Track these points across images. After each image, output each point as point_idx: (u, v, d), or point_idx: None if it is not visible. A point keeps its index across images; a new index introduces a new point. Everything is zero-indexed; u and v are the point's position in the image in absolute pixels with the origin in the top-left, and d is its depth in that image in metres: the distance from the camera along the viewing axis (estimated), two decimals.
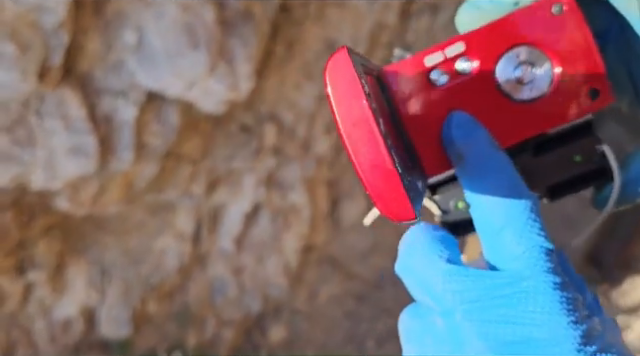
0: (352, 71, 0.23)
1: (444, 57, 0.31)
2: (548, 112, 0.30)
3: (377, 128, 0.23)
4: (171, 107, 1.48)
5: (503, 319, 0.24)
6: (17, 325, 1.73)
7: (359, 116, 0.23)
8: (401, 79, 0.32)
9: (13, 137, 1.35)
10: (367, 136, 0.23)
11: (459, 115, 0.30)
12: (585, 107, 0.30)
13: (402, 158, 0.27)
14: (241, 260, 1.99)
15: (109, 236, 1.76)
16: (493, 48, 0.30)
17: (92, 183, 1.48)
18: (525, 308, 0.24)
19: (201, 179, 1.74)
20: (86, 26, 1.32)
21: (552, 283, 0.25)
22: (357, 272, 2.33)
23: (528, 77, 0.30)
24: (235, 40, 1.43)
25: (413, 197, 0.24)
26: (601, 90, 0.30)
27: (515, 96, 0.31)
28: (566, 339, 0.24)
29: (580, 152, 0.32)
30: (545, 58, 0.30)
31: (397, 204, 0.24)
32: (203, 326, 1.98)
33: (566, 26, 0.30)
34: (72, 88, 1.36)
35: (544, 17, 0.30)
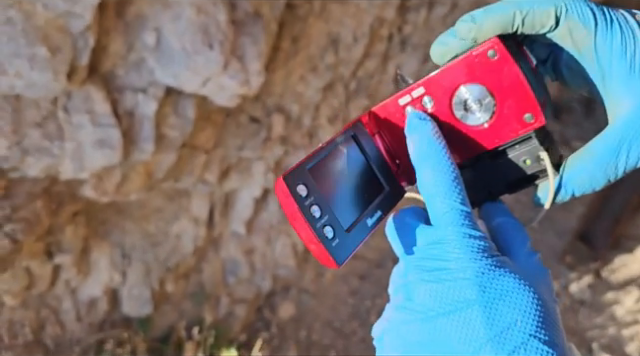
0: (288, 195, 0.35)
1: (411, 98, 0.41)
2: (495, 133, 0.39)
3: (306, 222, 0.35)
4: (187, 101, 1.57)
5: (429, 256, 0.36)
6: (46, 305, 1.83)
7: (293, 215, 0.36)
8: (386, 118, 0.42)
9: (44, 131, 1.44)
10: (301, 228, 0.36)
11: (414, 112, 0.40)
12: (523, 128, 0.38)
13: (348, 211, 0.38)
14: (252, 242, 2.08)
15: (130, 221, 1.86)
16: (447, 88, 0.39)
17: (115, 173, 1.57)
18: (443, 249, 0.35)
19: (214, 167, 1.83)
20: (109, 28, 1.41)
21: (461, 232, 0.35)
22: (360, 253, 2.41)
23: (476, 108, 0.39)
24: (246, 39, 1.51)
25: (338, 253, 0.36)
26: (534, 115, 0.38)
27: (468, 122, 0.39)
28: (470, 268, 0.34)
29: (528, 156, 0.40)
30: (487, 93, 0.38)
31: (326, 261, 0.36)
32: (217, 304, 2.07)
33: (500, 67, 0.37)
34: (97, 85, 1.44)
35: (483, 61, 0.37)
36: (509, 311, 0.33)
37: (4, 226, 1.50)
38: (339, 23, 1.86)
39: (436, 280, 0.35)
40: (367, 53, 2.00)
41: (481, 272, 0.34)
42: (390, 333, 0.36)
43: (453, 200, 0.36)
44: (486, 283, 0.34)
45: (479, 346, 0.32)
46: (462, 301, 0.34)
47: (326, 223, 0.36)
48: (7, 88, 1.31)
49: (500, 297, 0.33)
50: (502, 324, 0.33)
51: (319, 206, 0.37)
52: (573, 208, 2.88)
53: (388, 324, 0.37)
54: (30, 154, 1.43)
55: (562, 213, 2.89)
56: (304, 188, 0.36)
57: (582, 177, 0.39)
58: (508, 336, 0.32)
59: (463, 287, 0.34)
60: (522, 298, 0.34)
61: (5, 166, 1.41)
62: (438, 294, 0.34)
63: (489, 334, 0.32)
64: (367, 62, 2.04)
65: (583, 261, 2.78)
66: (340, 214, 0.38)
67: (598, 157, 0.38)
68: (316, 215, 0.36)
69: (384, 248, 2.46)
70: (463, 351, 0.33)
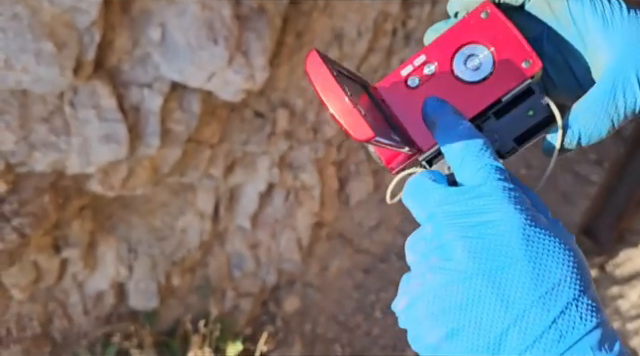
0: (320, 61, 0.35)
1: (413, 67, 0.43)
2: (496, 85, 0.41)
3: (339, 87, 0.33)
4: (192, 96, 1.58)
5: (467, 212, 0.34)
6: (54, 298, 1.85)
7: (327, 82, 0.34)
8: (389, 89, 0.44)
9: (50, 126, 1.46)
10: (335, 97, 0.34)
11: (430, 97, 0.41)
12: (522, 74, 0.40)
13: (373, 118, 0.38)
14: (257, 236, 2.09)
15: (136, 216, 1.87)
16: (446, 51, 0.42)
17: (122, 167, 1.59)
18: (482, 202, 0.34)
19: (219, 162, 1.84)
20: (114, 23, 1.42)
21: (501, 186, 0.34)
22: (365, 247, 2.43)
23: (476, 65, 0.41)
24: (250, 34, 1.52)
25: (374, 125, 0.34)
26: (530, 59, 0.40)
27: (470, 79, 0.42)
28: (513, 219, 0.33)
29: (531, 108, 0.42)
30: (485, 49, 0.41)
31: (361, 130, 0.33)
32: (223, 298, 2.09)
33: (494, 24, 0.41)
34: (102, 81, 1.46)
35: (477, 22, 0.41)
36: (557, 267, 0.32)
37: (12, 220, 1.52)
38: (343, 18, 1.87)
39: (478, 235, 0.33)
40: (371, 48, 2.01)
41: (527, 224, 0.33)
42: (424, 298, 0.34)
43: (487, 157, 0.36)
44: (532, 236, 0.33)
45: (529, 304, 0.31)
46: (508, 256, 0.32)
47: (357, 103, 0.35)
48: (14, 83, 1.32)
49: (546, 252, 0.32)
50: (551, 281, 0.32)
51: (349, 87, 0.36)
52: (577, 202, 2.88)
53: (421, 288, 0.35)
54: (37, 149, 1.44)
55: (566, 207, 2.89)
56: (334, 70, 0.36)
57: (586, 117, 0.39)
58: (559, 293, 0.32)
59: (508, 241, 0.33)
60: (567, 256, 0.33)
61: (12, 161, 1.43)
62: (481, 250, 0.33)
63: (539, 291, 0.32)
64: (371, 57, 2.04)
65: (587, 255, 2.74)
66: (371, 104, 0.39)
67: (598, 98, 0.39)
68: (347, 91, 0.34)
69: (388, 242, 2.47)
70: (509, 312, 0.31)
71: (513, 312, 0.31)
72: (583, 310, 0.31)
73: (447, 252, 0.34)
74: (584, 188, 2.88)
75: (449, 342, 0.33)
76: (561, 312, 0.31)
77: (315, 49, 0.35)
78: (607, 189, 2.67)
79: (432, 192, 0.36)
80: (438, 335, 0.33)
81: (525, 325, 0.31)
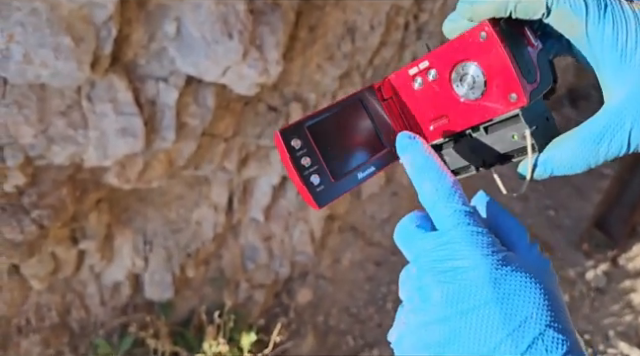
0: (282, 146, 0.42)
1: (418, 69, 0.45)
2: (486, 108, 0.42)
3: (294, 169, 0.41)
4: (207, 90, 1.59)
5: (440, 258, 0.37)
6: (71, 289, 1.89)
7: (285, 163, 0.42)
8: (398, 86, 0.47)
9: (68, 120, 1.48)
10: (291, 174, 0.42)
11: (402, 133, 0.43)
12: (508, 106, 0.41)
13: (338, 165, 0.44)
14: (270, 229, 2.11)
15: (151, 208, 1.90)
16: (447, 63, 0.43)
17: (138, 160, 1.61)
18: (452, 248, 0.37)
19: (233, 155, 1.86)
20: (131, 18, 1.43)
21: (469, 231, 0.37)
22: (376, 239, 2.44)
23: (470, 83, 0.42)
24: (264, 28, 1.53)
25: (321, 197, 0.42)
26: (517, 95, 0.40)
27: (464, 96, 0.43)
28: (481, 265, 0.35)
29: (516, 132, 0.43)
30: (480, 71, 0.41)
31: (308, 202, 0.42)
32: (237, 289, 2.12)
33: (490, 48, 0.40)
34: (119, 75, 1.47)
35: (475, 41, 0.41)
36: (524, 305, 0.34)
37: (31, 212, 1.55)
38: (356, 12, 1.87)
39: (450, 280, 0.36)
40: (383, 41, 2.01)
41: (494, 268, 0.35)
42: (409, 336, 0.38)
43: (455, 202, 0.38)
44: (499, 279, 0.35)
45: (499, 341, 0.34)
46: (478, 299, 0.35)
47: (314, 172, 0.42)
48: (33, 77, 1.34)
49: (514, 292, 0.35)
50: (518, 318, 0.34)
51: (310, 158, 0.42)
52: (590, 196, 2.87)
53: (406, 327, 0.38)
54: (55, 142, 1.47)
55: (578, 201, 2.88)
56: (299, 141, 0.42)
57: (561, 158, 0.40)
58: (525, 329, 0.34)
59: (477, 285, 0.35)
60: (533, 292, 0.35)
61: (32, 154, 1.45)
62: (454, 294, 0.36)
63: (507, 329, 0.34)
64: (383, 50, 2.04)
65: (600, 249, 2.77)
66: (331, 166, 0.43)
67: (580, 142, 0.39)
68: (305, 165, 0.42)
69: None
70: (483, 347, 0.34)
71: (485, 348, 0.34)
72: (549, 343, 0.33)
73: (426, 294, 0.37)
74: (597, 182, 2.86)
75: None
76: (528, 347, 0.33)
77: (279, 131, 0.42)
78: (620, 183, 2.66)
79: (414, 238, 0.40)
80: None
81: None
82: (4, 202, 1.48)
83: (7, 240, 1.52)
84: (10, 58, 1.28)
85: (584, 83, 3.55)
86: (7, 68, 1.29)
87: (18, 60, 1.29)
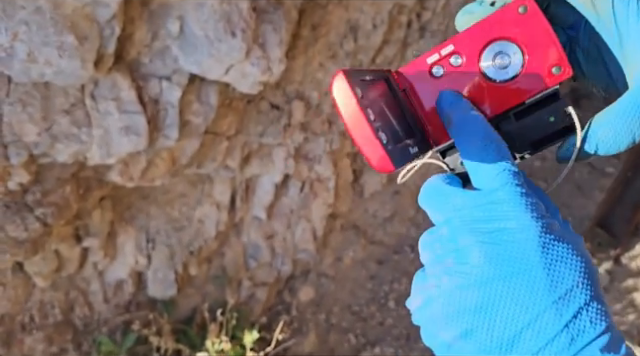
0: (346, 85, 0.33)
1: (440, 56, 0.41)
2: (522, 87, 0.39)
3: (365, 119, 0.33)
4: (210, 88, 1.60)
5: (484, 218, 0.34)
6: (75, 287, 1.89)
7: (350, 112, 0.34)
8: (413, 76, 0.42)
9: (72, 118, 1.48)
10: (358, 126, 0.33)
11: (446, 91, 0.40)
12: (551, 80, 0.39)
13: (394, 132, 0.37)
14: (272, 227, 2.11)
15: (154, 206, 1.90)
16: (476, 44, 0.40)
17: (141, 158, 1.61)
18: (499, 208, 0.34)
19: (236, 153, 1.86)
20: (134, 17, 1.44)
21: (518, 192, 0.34)
22: (378, 238, 2.44)
23: (505, 63, 0.39)
24: (267, 26, 1.53)
25: (394, 156, 0.34)
26: (562, 66, 0.39)
27: (496, 78, 0.40)
28: (530, 228, 0.33)
29: (553, 114, 0.40)
30: (516, 47, 0.39)
31: (381, 163, 0.33)
32: (239, 287, 2.12)
33: (530, 21, 0.38)
34: (122, 73, 1.48)
35: (513, 17, 0.39)
36: (570, 274, 0.33)
37: (35, 210, 1.55)
38: (358, 10, 1.87)
39: (494, 241, 0.34)
40: (386, 40, 2.01)
41: (543, 232, 0.34)
42: (440, 299, 0.35)
43: (505, 161, 0.36)
44: (547, 244, 0.33)
45: (542, 309, 0.32)
46: (523, 262, 0.33)
47: (380, 128, 0.34)
48: (37, 76, 1.35)
49: (561, 259, 0.33)
50: (565, 286, 0.32)
51: (373, 111, 0.35)
52: (592, 194, 2.87)
53: (437, 290, 0.36)
54: (59, 140, 1.47)
55: (581, 199, 2.88)
56: (359, 91, 0.35)
57: (606, 132, 0.38)
58: (571, 298, 0.32)
59: (524, 248, 0.33)
60: (580, 261, 0.33)
61: (35, 152, 1.46)
62: (497, 256, 0.33)
63: (553, 296, 0.32)
64: (386, 49, 2.05)
65: (602, 248, 2.76)
66: (391, 128, 0.37)
67: (621, 113, 0.37)
68: (371, 117, 0.34)
69: (402, 234, 2.48)
70: (524, 315, 0.32)
71: (527, 316, 0.32)
72: (593, 314, 0.32)
73: (464, 256, 0.35)
74: (599, 180, 2.86)
75: (462, 341, 0.34)
76: (573, 317, 0.32)
77: (342, 71, 0.34)
78: (623, 181, 2.66)
79: (449, 196, 0.37)
80: (452, 334, 0.35)
81: (538, 328, 0.32)
82: (8, 200, 1.49)
83: (11, 238, 1.52)
84: (14, 56, 1.29)
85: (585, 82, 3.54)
86: (11, 66, 1.29)
87: (22, 58, 1.29)
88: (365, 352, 2.20)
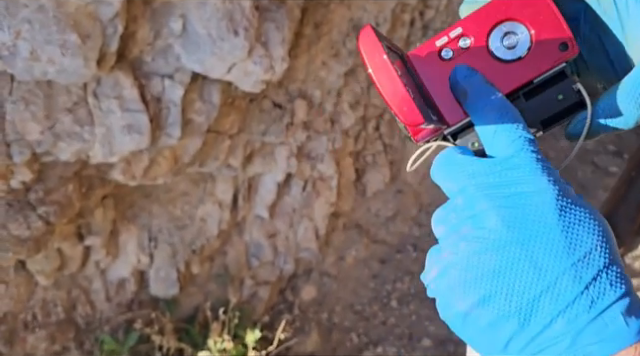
0: (374, 37, 0.34)
1: (448, 39, 0.42)
2: (531, 66, 0.40)
3: (392, 68, 0.33)
4: (213, 87, 1.60)
5: (500, 183, 0.34)
6: (77, 285, 1.90)
7: (380, 62, 0.34)
8: (422, 59, 0.43)
9: (75, 117, 1.49)
10: (386, 74, 0.34)
11: (460, 65, 0.41)
12: (558, 58, 0.40)
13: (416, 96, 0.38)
14: (275, 226, 2.11)
15: (156, 205, 1.90)
16: (483, 26, 0.41)
17: (143, 157, 1.61)
18: (516, 173, 0.34)
19: (238, 152, 1.86)
20: (137, 15, 1.44)
21: (534, 157, 0.35)
22: (381, 237, 2.44)
23: (512, 43, 0.41)
24: (270, 25, 1.53)
25: (423, 110, 0.35)
26: (569, 43, 0.40)
27: (505, 58, 0.41)
28: (547, 191, 0.33)
29: (561, 92, 0.41)
30: (523, 27, 0.40)
31: (409, 112, 0.34)
32: (241, 286, 2.12)
33: (536, 1, 0.40)
34: (125, 72, 1.48)
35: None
36: (588, 237, 0.33)
37: (38, 209, 1.56)
38: (361, 8, 1.87)
39: (513, 205, 0.34)
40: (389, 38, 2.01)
41: (560, 195, 0.34)
42: (458, 266, 0.35)
43: (521, 129, 0.36)
44: (565, 207, 0.33)
45: (561, 271, 0.32)
46: (542, 225, 0.33)
47: (407, 85, 0.35)
48: (40, 74, 1.35)
49: (578, 222, 0.33)
50: (584, 249, 0.32)
51: (398, 71, 0.35)
52: (595, 194, 2.86)
53: (454, 257, 0.35)
54: (62, 139, 1.47)
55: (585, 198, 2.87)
56: (386, 48, 0.35)
57: (614, 107, 0.38)
58: (590, 261, 0.32)
59: (542, 211, 0.33)
60: (597, 225, 0.33)
61: (38, 150, 1.46)
62: (515, 219, 0.33)
63: (572, 259, 0.32)
64: None
65: None
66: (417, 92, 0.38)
67: (628, 88, 0.38)
68: (399, 74, 0.34)
69: (404, 233, 2.48)
70: (543, 278, 0.32)
71: (546, 279, 0.32)
72: (613, 278, 0.32)
73: (481, 221, 0.35)
74: (603, 179, 2.85)
75: (480, 308, 0.34)
76: (592, 279, 0.32)
77: (370, 25, 0.35)
78: (626, 181, 2.65)
79: (464, 165, 0.37)
80: (470, 301, 0.34)
81: (557, 292, 0.32)
82: (11, 198, 1.49)
83: (14, 236, 1.53)
84: (17, 55, 1.29)
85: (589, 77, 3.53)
86: (14, 65, 1.30)
87: (25, 57, 1.29)
88: (367, 351, 2.20)
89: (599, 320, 0.31)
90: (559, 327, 0.32)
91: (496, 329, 0.33)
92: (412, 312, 2.28)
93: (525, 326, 0.32)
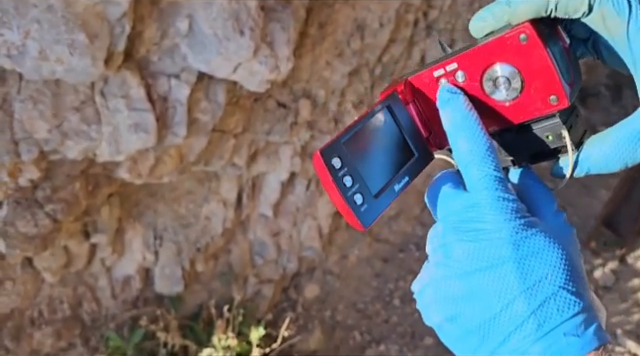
0: (324, 168, 0.40)
1: (445, 71, 0.43)
2: (521, 110, 0.42)
3: (339, 192, 0.40)
4: (218, 86, 1.61)
5: (466, 219, 0.39)
6: (83, 282, 1.91)
7: (328, 186, 0.40)
8: (421, 86, 0.45)
9: (82, 115, 1.50)
10: (335, 197, 0.40)
11: (445, 86, 0.43)
12: (547, 108, 0.41)
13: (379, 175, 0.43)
14: (278, 225, 2.13)
15: (162, 203, 1.92)
16: (478, 65, 0.42)
17: (149, 156, 1.63)
18: (480, 210, 0.38)
19: (243, 151, 1.87)
20: (144, 15, 1.45)
21: (496, 196, 0.38)
22: (384, 236, 2.45)
23: (505, 85, 0.41)
24: (275, 25, 1.54)
25: (366, 216, 0.41)
26: (559, 97, 0.40)
27: (497, 98, 0.42)
28: (503, 229, 0.37)
29: (550, 132, 0.43)
30: (517, 73, 0.41)
31: (355, 224, 0.41)
32: (245, 284, 2.14)
33: (530, 50, 0.39)
34: (132, 71, 1.49)
35: (514, 44, 0.40)
36: (540, 266, 0.36)
37: (45, 206, 1.57)
38: (365, 9, 1.88)
39: (473, 239, 0.38)
40: (393, 38, 2.02)
41: (515, 232, 0.37)
42: (430, 287, 0.40)
43: (487, 167, 0.39)
44: (519, 241, 0.37)
45: (513, 298, 0.36)
46: (497, 258, 0.37)
47: (356, 191, 0.41)
48: (48, 73, 1.37)
49: (532, 254, 0.37)
50: (534, 278, 0.36)
51: (351, 176, 0.41)
52: (598, 193, 2.86)
53: (429, 279, 0.41)
54: (69, 137, 1.49)
55: (586, 198, 2.87)
56: (338, 161, 0.41)
57: (599, 158, 0.41)
58: (540, 288, 0.36)
59: (498, 245, 0.37)
60: (552, 254, 0.37)
61: (46, 149, 1.48)
62: (475, 252, 0.38)
63: (522, 287, 0.36)
64: (392, 47, 2.05)
65: (608, 247, 2.77)
66: (370, 181, 0.42)
67: (617, 141, 0.39)
68: (348, 184, 0.40)
69: (407, 232, 2.49)
70: (498, 302, 0.36)
71: (500, 303, 0.36)
72: (560, 303, 0.36)
73: (449, 250, 0.39)
74: (605, 179, 2.86)
75: (449, 324, 0.39)
76: (540, 305, 0.36)
77: (319, 151, 0.40)
78: (628, 181, 2.66)
79: (443, 197, 0.41)
80: (440, 317, 0.40)
81: (510, 314, 0.36)
82: (19, 196, 1.51)
83: (21, 233, 1.54)
84: (26, 54, 1.30)
85: (593, 81, 3.54)
86: (23, 64, 1.31)
87: (34, 56, 1.31)
88: (370, 349, 2.21)
89: (544, 340, 0.35)
90: (512, 344, 0.36)
91: (463, 341, 0.39)
92: (414, 310, 2.29)
93: (485, 341, 0.37)
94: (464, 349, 0.39)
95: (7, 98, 1.39)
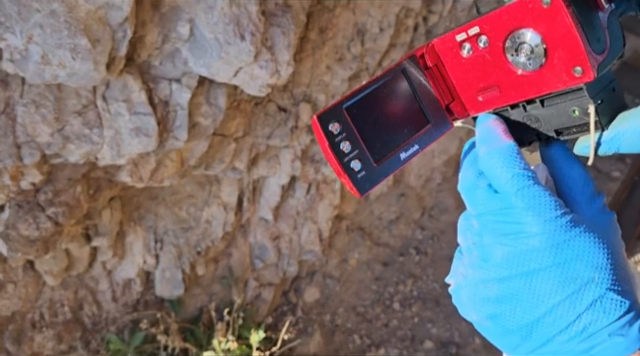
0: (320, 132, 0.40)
1: (467, 35, 0.41)
2: (544, 81, 0.39)
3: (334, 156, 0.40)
4: (219, 90, 1.62)
5: (503, 221, 0.37)
6: (84, 285, 1.92)
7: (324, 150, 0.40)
8: (444, 52, 0.44)
9: (84, 119, 1.51)
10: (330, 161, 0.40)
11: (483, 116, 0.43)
12: (571, 81, 0.37)
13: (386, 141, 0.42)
14: (279, 228, 2.13)
15: (162, 207, 1.93)
16: (500, 30, 0.39)
17: (150, 159, 1.64)
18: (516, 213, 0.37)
19: (243, 155, 1.88)
20: (145, 20, 1.46)
21: (531, 195, 0.37)
22: (384, 240, 2.45)
23: (527, 54, 0.38)
24: (276, 29, 1.55)
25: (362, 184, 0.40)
26: (583, 69, 0.36)
27: (519, 67, 0.39)
28: (542, 232, 0.36)
29: (577, 107, 0.40)
30: (540, 39, 0.37)
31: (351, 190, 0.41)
32: (245, 287, 2.14)
33: (554, 16, 0.36)
34: (133, 75, 1.50)
35: (536, 7, 0.36)
36: (585, 269, 0.35)
37: (46, 209, 1.58)
38: (366, 13, 1.89)
39: (512, 244, 0.37)
40: (393, 43, 2.03)
41: (556, 234, 0.36)
42: (467, 288, 0.40)
43: (516, 167, 0.38)
44: (562, 244, 0.36)
45: (557, 302, 0.35)
46: (538, 263, 0.36)
47: (355, 157, 0.40)
48: (51, 77, 1.38)
49: (576, 257, 0.35)
50: (579, 282, 0.35)
51: (350, 142, 0.40)
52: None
53: (464, 280, 0.40)
54: (71, 141, 1.50)
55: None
56: (337, 125, 0.40)
57: (630, 135, 0.38)
58: (586, 292, 0.35)
59: (539, 250, 0.36)
60: (597, 256, 0.36)
61: (48, 152, 1.49)
62: (515, 257, 0.37)
63: (566, 291, 0.35)
64: (393, 52, 2.07)
65: None
66: (372, 149, 0.41)
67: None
68: (345, 150, 0.40)
69: (407, 236, 2.49)
70: (540, 307, 0.36)
71: (543, 307, 0.36)
72: (607, 305, 0.35)
73: (486, 254, 0.39)
74: (606, 184, 2.86)
75: (488, 322, 0.39)
76: (586, 309, 0.35)
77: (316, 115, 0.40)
78: (629, 185, 2.66)
79: (479, 194, 0.40)
80: (480, 316, 0.39)
81: (553, 318, 0.36)
82: (21, 199, 1.52)
83: (23, 236, 1.55)
84: (29, 58, 1.31)
85: None
86: (26, 68, 1.32)
87: (36, 60, 1.32)
88: (369, 353, 2.21)
89: (588, 341, 0.35)
90: (555, 345, 0.36)
91: (504, 338, 0.39)
92: (414, 314, 2.30)
93: (527, 340, 0.37)
94: (504, 345, 0.39)
95: (10, 102, 1.40)
